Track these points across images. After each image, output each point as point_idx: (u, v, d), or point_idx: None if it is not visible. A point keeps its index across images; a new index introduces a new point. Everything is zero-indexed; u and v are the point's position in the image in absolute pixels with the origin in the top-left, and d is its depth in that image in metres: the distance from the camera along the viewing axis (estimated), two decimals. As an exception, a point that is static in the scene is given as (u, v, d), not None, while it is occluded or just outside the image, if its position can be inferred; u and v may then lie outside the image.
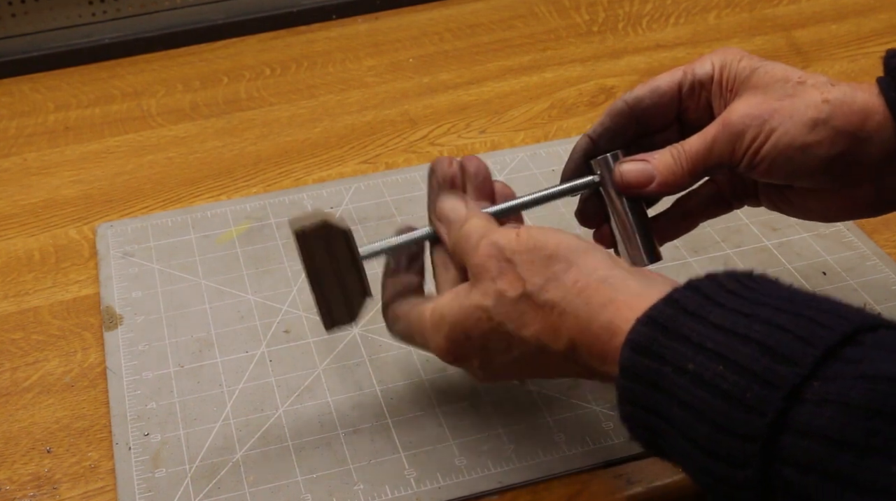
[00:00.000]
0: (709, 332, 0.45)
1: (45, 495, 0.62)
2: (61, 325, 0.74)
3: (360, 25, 1.12)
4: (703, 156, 0.60)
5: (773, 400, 0.41)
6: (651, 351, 0.46)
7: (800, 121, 0.58)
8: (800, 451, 0.40)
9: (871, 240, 0.77)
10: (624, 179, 0.61)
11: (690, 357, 0.45)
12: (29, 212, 0.85)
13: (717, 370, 0.44)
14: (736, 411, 0.42)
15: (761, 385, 0.42)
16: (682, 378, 0.45)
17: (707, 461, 0.44)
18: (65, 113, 0.99)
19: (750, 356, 0.43)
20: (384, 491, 0.61)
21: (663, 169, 0.61)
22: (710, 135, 0.60)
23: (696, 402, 0.44)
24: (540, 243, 0.53)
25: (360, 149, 0.92)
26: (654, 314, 0.47)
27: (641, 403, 0.47)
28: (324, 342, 0.71)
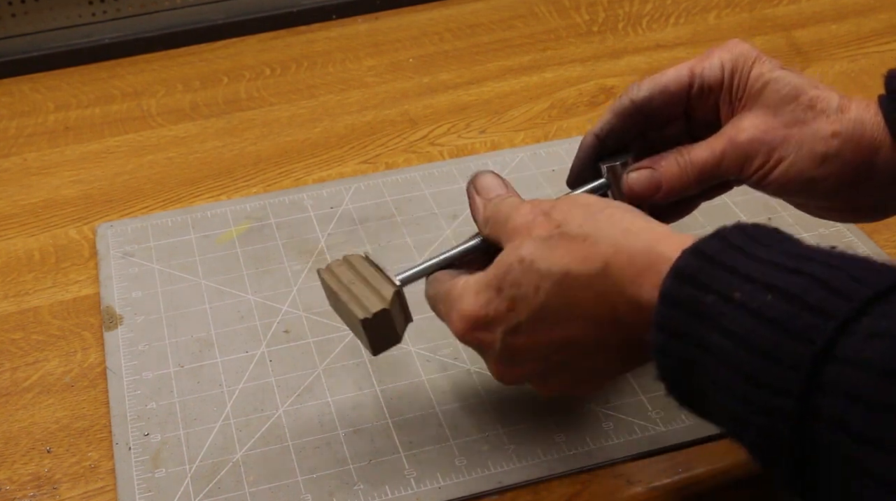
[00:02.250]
0: (757, 266, 0.45)
1: (45, 495, 0.62)
2: (61, 325, 0.74)
3: (360, 25, 1.12)
4: (711, 169, 0.61)
5: (824, 330, 0.41)
6: (696, 279, 0.46)
7: (809, 154, 0.60)
8: (846, 381, 0.40)
9: (871, 240, 0.77)
10: (632, 189, 0.62)
11: (737, 286, 0.45)
12: (29, 212, 0.86)
13: (765, 299, 0.43)
14: (782, 338, 0.42)
15: (812, 313, 0.42)
16: (727, 305, 0.44)
17: (746, 388, 0.43)
18: (65, 113, 0.99)
19: (801, 287, 0.43)
20: (384, 491, 0.61)
21: (670, 177, 0.62)
22: (718, 150, 0.61)
23: (740, 329, 0.44)
24: (580, 200, 0.55)
25: (360, 149, 0.92)
26: (702, 246, 0.47)
27: (679, 331, 0.46)
28: (324, 342, 0.71)
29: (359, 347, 0.70)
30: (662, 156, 0.62)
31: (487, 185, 0.60)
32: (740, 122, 0.61)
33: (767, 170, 0.61)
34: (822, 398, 0.41)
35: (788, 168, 0.60)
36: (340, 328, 0.72)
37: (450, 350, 0.70)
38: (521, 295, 0.53)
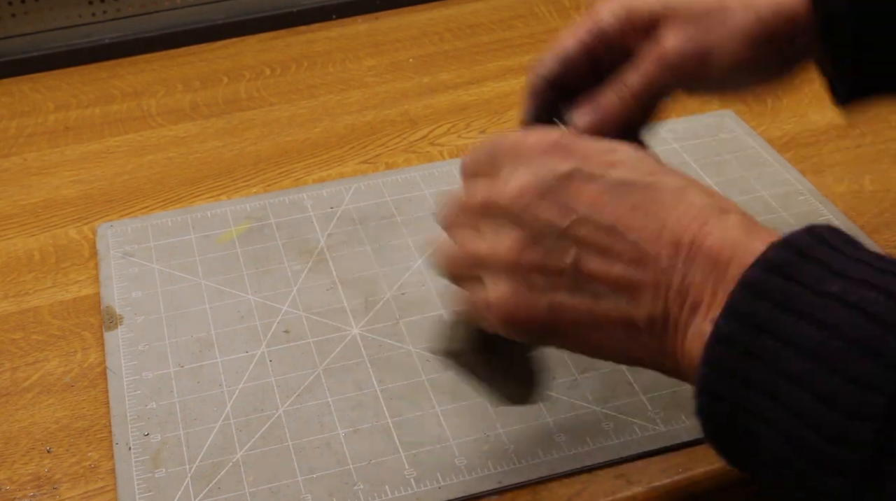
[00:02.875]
0: (857, 266, 0.42)
1: (45, 495, 0.62)
2: (61, 325, 0.74)
3: (360, 25, 1.12)
4: (649, 89, 0.60)
5: None
6: (786, 271, 0.43)
7: (737, 45, 0.59)
8: None
9: (871, 240, 0.77)
10: (584, 129, 0.60)
11: (834, 281, 0.41)
12: (29, 212, 0.85)
13: (868, 295, 0.40)
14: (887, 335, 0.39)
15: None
16: (822, 299, 0.41)
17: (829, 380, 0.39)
18: (65, 113, 0.99)
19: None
20: (384, 491, 0.61)
21: (613, 110, 0.60)
22: (651, 70, 0.59)
23: (836, 319, 0.40)
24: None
25: (360, 149, 0.92)
26: (793, 239, 0.44)
27: (757, 321, 0.42)
28: (324, 342, 0.71)
29: (359, 347, 0.70)
30: (600, 93, 0.60)
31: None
32: (662, 39, 0.60)
33: (702, 73, 0.59)
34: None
35: (720, 62, 0.59)
36: (340, 328, 0.72)
37: (450, 350, 0.70)
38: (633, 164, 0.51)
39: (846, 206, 0.81)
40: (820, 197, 0.82)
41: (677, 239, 0.47)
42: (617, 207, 0.48)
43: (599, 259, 0.48)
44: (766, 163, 0.86)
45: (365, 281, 0.76)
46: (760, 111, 0.94)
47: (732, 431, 0.44)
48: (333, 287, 0.75)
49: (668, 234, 0.47)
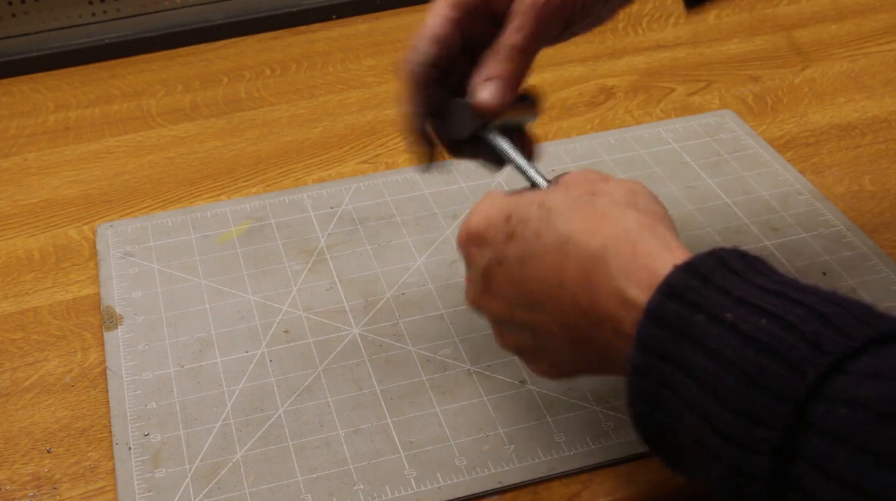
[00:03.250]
0: (754, 291, 0.43)
1: (45, 495, 0.62)
2: (61, 325, 0.74)
3: (360, 25, 1.12)
4: (533, 43, 0.59)
5: (818, 364, 0.39)
6: (685, 297, 0.44)
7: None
8: (834, 420, 0.38)
9: (871, 240, 0.77)
10: (489, 105, 0.59)
11: (730, 308, 0.43)
12: (29, 212, 0.86)
13: (758, 323, 0.41)
14: (773, 366, 0.40)
15: (808, 345, 0.40)
16: (717, 326, 0.42)
17: (726, 416, 0.41)
18: (65, 113, 0.99)
19: (800, 317, 0.41)
20: (384, 491, 0.61)
21: (508, 75, 0.59)
22: (529, 23, 0.59)
23: (727, 351, 0.41)
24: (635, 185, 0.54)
25: (360, 149, 0.92)
26: (696, 263, 0.45)
27: (661, 351, 0.44)
28: (324, 342, 0.71)
29: (359, 347, 0.70)
30: (485, 64, 0.60)
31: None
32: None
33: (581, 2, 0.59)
34: (806, 436, 0.39)
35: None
36: (341, 328, 0.72)
37: (450, 350, 0.70)
38: (522, 233, 0.53)
39: (846, 206, 0.81)
40: (820, 197, 0.82)
41: (576, 301, 0.50)
42: (526, 285, 0.52)
43: (544, 334, 0.53)
44: (766, 163, 0.86)
45: (365, 281, 0.76)
46: (760, 111, 0.94)
47: (666, 450, 0.47)
48: (333, 287, 0.75)
49: (568, 299, 0.50)
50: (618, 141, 0.90)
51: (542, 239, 0.51)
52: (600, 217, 0.50)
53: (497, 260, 0.54)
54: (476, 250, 0.55)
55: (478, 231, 0.55)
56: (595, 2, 0.61)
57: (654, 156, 0.88)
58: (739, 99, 0.95)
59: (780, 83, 0.97)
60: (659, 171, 0.86)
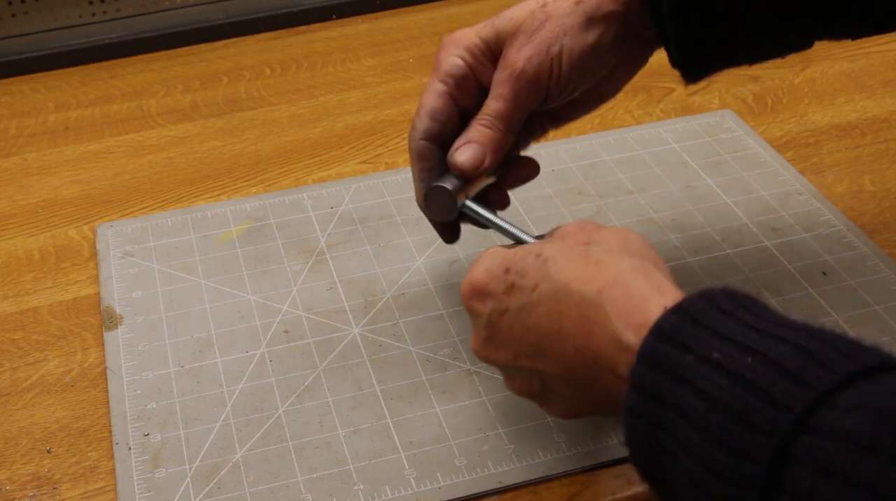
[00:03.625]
0: (741, 330, 0.44)
1: (45, 495, 0.62)
2: (61, 325, 0.74)
3: (360, 25, 1.12)
4: (513, 111, 0.63)
5: (802, 399, 0.40)
6: (675, 339, 0.45)
7: (574, 31, 0.62)
8: (819, 454, 0.39)
9: (871, 240, 0.77)
10: (464, 167, 0.63)
11: (717, 347, 0.44)
12: (29, 212, 0.86)
13: (744, 361, 0.43)
14: (758, 403, 0.41)
15: (792, 381, 0.41)
16: (705, 366, 0.44)
17: (715, 454, 0.42)
18: (65, 113, 0.99)
19: (784, 354, 0.42)
20: (384, 491, 0.61)
21: (487, 141, 0.63)
22: (508, 92, 0.63)
23: (715, 390, 0.43)
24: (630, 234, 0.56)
25: (360, 149, 0.92)
26: (686, 305, 0.47)
27: (655, 393, 0.45)
28: (324, 342, 0.71)
29: (359, 347, 0.70)
30: (468, 130, 0.64)
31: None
32: (506, 60, 0.63)
33: (557, 71, 0.62)
34: (792, 469, 0.40)
35: (570, 53, 0.62)
36: (340, 328, 0.72)
37: (450, 350, 0.70)
38: (520, 285, 0.54)
39: (846, 206, 0.81)
40: (820, 197, 0.82)
41: (575, 347, 0.52)
42: (528, 335, 0.54)
43: (550, 378, 0.55)
44: (766, 163, 0.86)
45: (365, 281, 0.76)
46: (760, 111, 0.94)
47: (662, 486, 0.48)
48: (333, 287, 0.75)
49: (568, 345, 0.52)
50: (618, 141, 0.90)
51: (540, 289, 0.53)
52: (594, 264, 0.52)
53: (499, 312, 0.56)
54: (478, 302, 0.57)
55: (479, 284, 0.57)
56: (571, 74, 0.63)
57: (654, 156, 0.88)
58: (739, 99, 0.95)
59: (780, 83, 0.97)
60: (659, 171, 0.86)
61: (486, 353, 0.58)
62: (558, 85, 0.63)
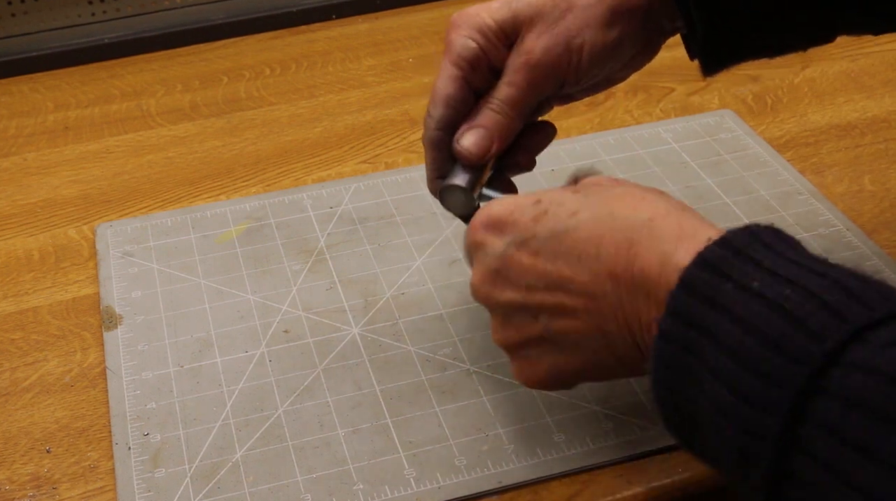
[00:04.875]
0: (783, 263, 0.44)
1: (45, 495, 0.62)
2: (61, 325, 0.74)
3: (360, 25, 1.12)
4: (525, 98, 0.62)
5: (838, 331, 0.40)
6: (718, 268, 0.45)
7: (597, 25, 0.61)
8: (850, 386, 0.39)
9: (871, 240, 0.77)
10: (470, 152, 0.61)
11: (758, 278, 0.44)
12: (28, 212, 0.85)
13: (783, 292, 0.43)
14: (794, 332, 0.41)
15: (829, 314, 0.41)
16: (743, 293, 0.44)
17: (745, 377, 0.42)
18: (64, 113, 0.99)
19: (823, 288, 0.42)
20: (384, 491, 0.61)
21: (495, 126, 0.62)
22: (522, 79, 0.61)
23: (752, 317, 0.43)
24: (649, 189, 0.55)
25: (360, 149, 0.92)
26: (730, 236, 0.47)
27: (689, 318, 0.45)
28: (323, 342, 0.71)
29: (359, 347, 0.70)
30: (476, 114, 0.62)
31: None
32: (523, 46, 0.61)
33: (577, 64, 0.61)
34: (822, 400, 0.40)
35: (592, 48, 0.61)
36: (340, 328, 0.72)
37: (450, 350, 0.70)
38: (555, 212, 0.53)
39: (846, 206, 0.81)
40: (820, 197, 0.82)
41: (612, 271, 0.50)
42: (554, 263, 0.52)
43: (562, 317, 0.53)
44: (766, 163, 0.86)
45: (365, 281, 0.76)
46: (760, 111, 0.94)
47: (681, 418, 0.47)
48: (333, 287, 0.75)
49: (603, 270, 0.50)
50: (617, 141, 0.90)
51: (579, 215, 0.52)
52: (641, 197, 0.52)
53: (519, 242, 0.54)
54: (494, 235, 0.55)
55: (500, 216, 0.55)
56: (591, 68, 0.62)
57: (653, 156, 0.87)
58: (739, 99, 0.95)
59: (779, 83, 0.97)
60: (659, 171, 0.85)
61: (488, 290, 0.56)
62: (576, 76, 0.62)
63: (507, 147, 0.63)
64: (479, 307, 0.72)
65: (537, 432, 0.64)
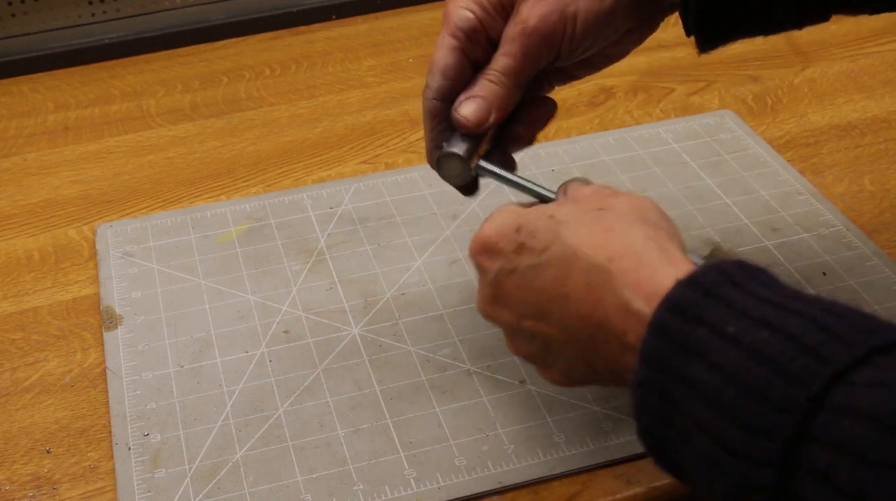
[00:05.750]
0: (756, 303, 0.43)
1: (45, 495, 0.62)
2: (61, 325, 0.74)
3: (360, 25, 1.12)
4: (522, 67, 0.62)
5: (821, 374, 0.39)
6: (688, 312, 0.44)
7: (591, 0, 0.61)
8: (838, 431, 0.38)
9: (871, 241, 0.77)
10: (468, 120, 0.61)
11: (732, 321, 0.43)
12: (29, 212, 0.85)
13: (760, 336, 0.42)
14: (775, 378, 0.40)
15: (810, 356, 0.40)
16: (719, 339, 0.43)
17: (729, 430, 0.41)
18: (64, 113, 0.99)
19: (801, 328, 0.41)
20: (384, 491, 0.61)
21: (493, 96, 0.61)
22: (518, 48, 0.61)
23: (730, 364, 0.42)
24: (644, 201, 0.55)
25: (360, 149, 0.92)
26: (699, 277, 0.46)
27: (665, 365, 0.44)
28: (323, 342, 0.71)
29: (359, 347, 0.70)
30: (472, 84, 0.62)
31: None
32: (519, 16, 0.61)
33: (570, 33, 0.61)
34: (810, 448, 0.39)
35: (586, 17, 0.61)
36: (340, 328, 0.72)
37: (450, 350, 0.70)
38: (531, 246, 0.54)
39: (846, 206, 0.81)
40: (820, 197, 0.82)
41: (580, 313, 0.51)
42: (534, 295, 0.54)
43: (553, 341, 0.54)
44: (766, 163, 0.86)
45: (365, 281, 0.76)
46: (760, 111, 0.94)
47: (671, 463, 0.47)
48: (333, 287, 0.75)
49: (573, 310, 0.51)
50: (617, 141, 0.90)
51: (550, 251, 0.53)
52: (606, 231, 0.51)
53: (507, 271, 0.55)
54: (487, 260, 0.56)
55: (489, 241, 0.56)
56: (584, 37, 0.62)
57: (653, 156, 0.88)
58: (739, 99, 0.95)
59: (779, 83, 0.97)
60: (659, 171, 0.86)
61: (490, 311, 0.57)
62: (570, 45, 0.62)
63: (505, 117, 0.63)
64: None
65: (537, 432, 0.64)
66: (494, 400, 0.66)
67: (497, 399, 0.66)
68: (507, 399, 0.66)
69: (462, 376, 0.68)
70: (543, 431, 0.64)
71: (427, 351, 0.70)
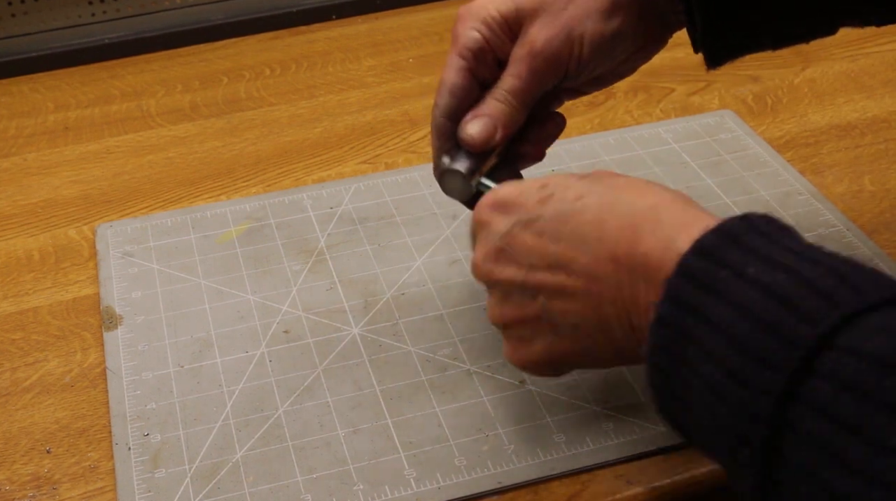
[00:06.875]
0: (778, 250, 0.45)
1: (45, 495, 0.62)
2: (61, 325, 0.74)
3: (360, 25, 1.12)
4: (528, 88, 0.63)
5: (831, 316, 0.41)
6: (714, 255, 0.46)
7: (597, 15, 0.62)
8: (841, 368, 0.40)
9: (871, 241, 0.77)
10: (474, 138, 0.62)
11: (752, 263, 0.45)
12: (29, 212, 0.86)
13: (777, 277, 0.44)
14: (787, 316, 0.42)
15: (822, 298, 0.42)
16: (738, 280, 0.45)
17: (739, 360, 0.43)
18: (64, 113, 0.99)
19: (817, 274, 0.43)
20: (384, 491, 0.61)
21: (499, 115, 0.63)
22: (525, 70, 0.62)
23: (746, 301, 0.44)
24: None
25: (360, 149, 0.92)
26: (727, 225, 0.47)
27: (686, 302, 0.46)
28: (323, 342, 0.71)
29: (359, 347, 0.70)
30: (480, 103, 0.63)
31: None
32: (526, 38, 0.62)
33: (578, 55, 0.62)
34: (814, 381, 0.41)
35: (592, 38, 0.62)
36: (340, 328, 0.72)
37: (450, 350, 0.70)
38: (561, 195, 0.54)
39: (846, 206, 0.81)
40: (820, 197, 0.82)
41: (613, 254, 0.51)
42: (557, 243, 0.53)
43: (561, 298, 0.54)
44: (766, 163, 0.86)
45: (365, 281, 0.76)
46: (760, 111, 0.94)
47: (677, 403, 0.48)
48: (333, 287, 0.75)
49: (605, 252, 0.51)
50: (618, 141, 0.90)
51: (585, 199, 0.53)
52: (645, 186, 0.53)
53: (524, 222, 0.55)
54: (499, 215, 0.56)
55: (507, 197, 0.57)
56: (591, 58, 0.63)
57: (653, 156, 0.88)
58: (739, 99, 0.95)
59: (779, 83, 0.97)
60: (659, 171, 0.86)
61: (490, 267, 0.57)
62: (578, 66, 0.63)
63: (512, 136, 0.64)
64: (479, 307, 0.72)
65: (537, 432, 0.64)
66: (494, 399, 0.66)
67: (497, 399, 0.66)
68: (507, 399, 0.66)
69: (462, 376, 0.68)
70: (543, 431, 0.64)
71: (427, 351, 0.70)
